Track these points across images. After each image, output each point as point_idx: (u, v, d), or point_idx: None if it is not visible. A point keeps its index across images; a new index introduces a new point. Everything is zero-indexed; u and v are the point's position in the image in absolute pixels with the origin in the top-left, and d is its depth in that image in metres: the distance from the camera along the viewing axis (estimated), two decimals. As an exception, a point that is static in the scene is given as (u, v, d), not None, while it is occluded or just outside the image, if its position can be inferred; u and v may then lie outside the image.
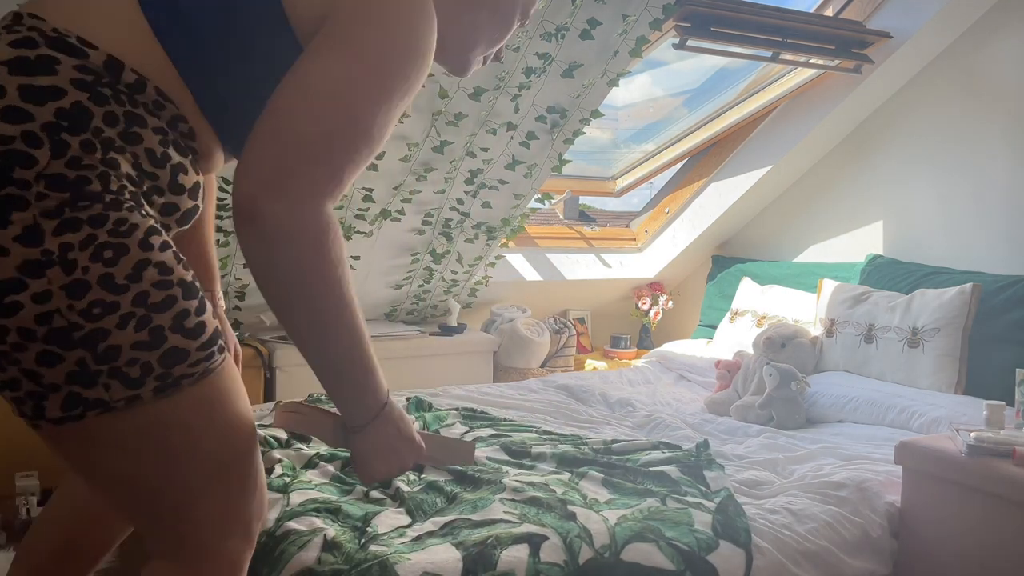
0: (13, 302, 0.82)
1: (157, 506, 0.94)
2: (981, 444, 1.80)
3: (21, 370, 0.85)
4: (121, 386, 0.86)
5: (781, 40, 2.99)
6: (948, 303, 2.71)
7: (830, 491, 1.92)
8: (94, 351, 0.84)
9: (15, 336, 0.83)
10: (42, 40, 0.86)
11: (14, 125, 0.83)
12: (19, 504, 2.40)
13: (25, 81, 0.84)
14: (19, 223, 0.82)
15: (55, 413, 0.87)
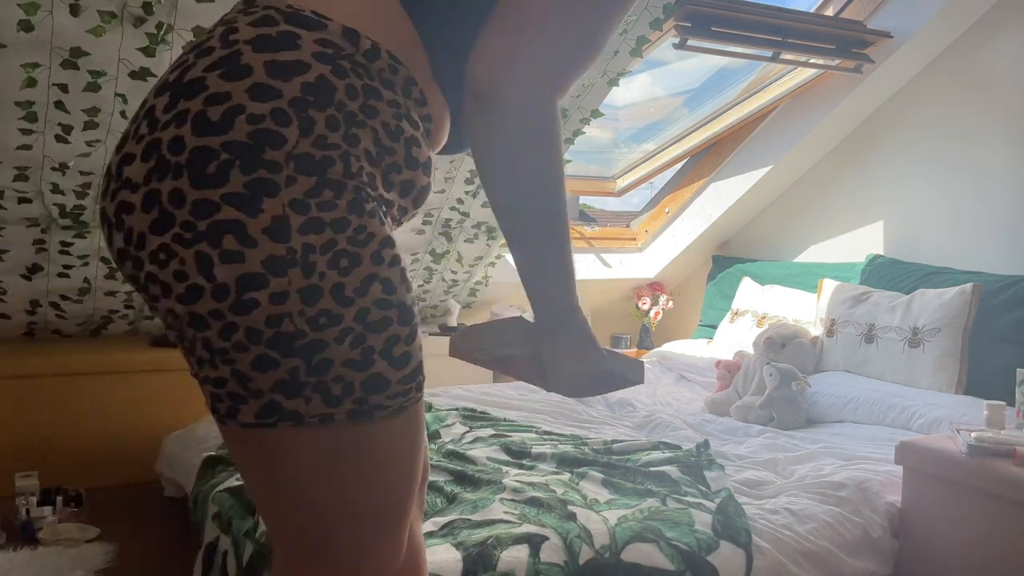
0: (251, 299, 0.78)
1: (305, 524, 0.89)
2: (981, 444, 1.80)
3: (233, 371, 0.81)
4: (321, 402, 0.82)
5: (781, 40, 2.99)
6: (948, 303, 2.71)
7: (830, 491, 1.91)
8: (309, 362, 0.80)
9: (241, 335, 0.79)
10: (280, 17, 0.84)
11: (263, 103, 0.79)
12: (19, 504, 2.40)
13: (270, 57, 0.81)
14: (269, 212, 0.78)
15: (248, 419, 0.82)
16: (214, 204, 0.77)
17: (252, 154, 0.78)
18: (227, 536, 1.75)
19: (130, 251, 0.82)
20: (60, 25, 2.18)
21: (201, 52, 0.83)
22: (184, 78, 0.82)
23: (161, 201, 0.79)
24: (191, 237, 0.78)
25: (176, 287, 0.79)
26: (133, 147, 0.82)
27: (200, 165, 0.78)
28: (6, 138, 2.41)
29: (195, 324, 0.80)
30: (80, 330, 3.19)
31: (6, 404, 2.72)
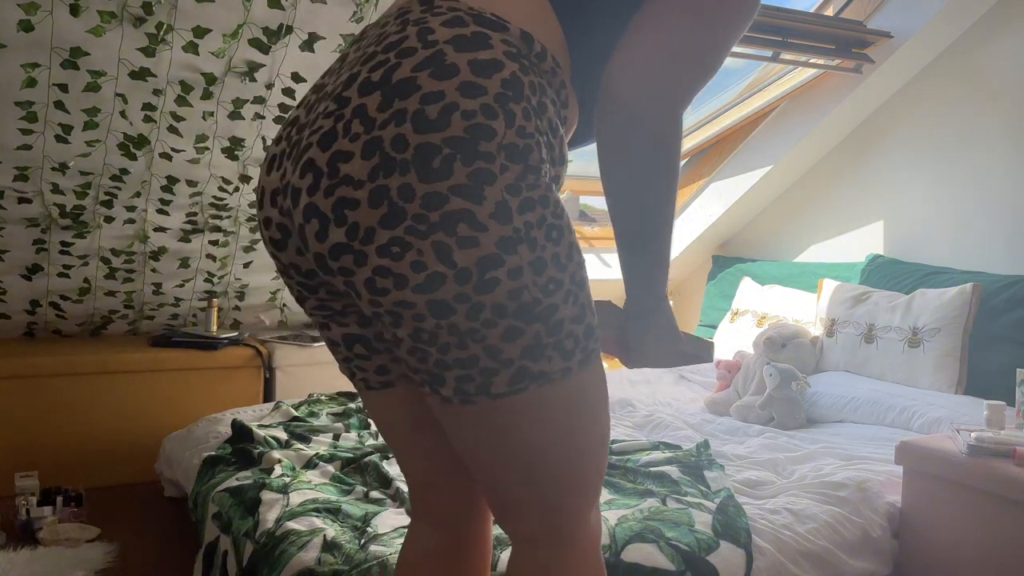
0: (493, 278, 0.85)
1: (555, 478, 0.96)
2: (981, 444, 1.80)
3: (485, 347, 0.87)
4: (560, 358, 0.90)
5: (781, 40, 2.99)
6: (948, 303, 2.71)
7: (830, 491, 1.91)
8: (547, 325, 0.88)
9: (488, 313, 0.85)
10: (468, 18, 0.90)
11: (472, 99, 0.85)
12: (19, 504, 2.40)
13: (471, 56, 0.87)
14: (492, 198, 0.85)
15: (501, 388, 0.89)
16: (443, 196, 0.84)
17: (470, 147, 0.85)
18: (227, 536, 1.75)
19: (353, 245, 0.86)
20: (60, 25, 2.18)
21: (402, 52, 0.88)
22: (393, 78, 0.87)
23: (391, 196, 0.84)
24: (425, 229, 0.84)
25: (414, 277, 0.85)
26: (347, 144, 0.86)
27: (426, 161, 0.84)
28: (6, 138, 2.41)
29: (437, 312, 0.85)
30: (80, 330, 3.19)
31: (6, 404, 2.72)
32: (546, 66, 0.94)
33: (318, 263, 0.90)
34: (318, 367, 3.19)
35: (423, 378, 0.92)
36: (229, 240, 3.03)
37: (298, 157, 0.90)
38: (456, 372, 0.89)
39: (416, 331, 0.87)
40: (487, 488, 1.00)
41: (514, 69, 0.89)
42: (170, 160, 2.66)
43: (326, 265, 0.90)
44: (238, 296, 3.32)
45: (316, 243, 0.88)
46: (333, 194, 0.86)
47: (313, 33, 2.41)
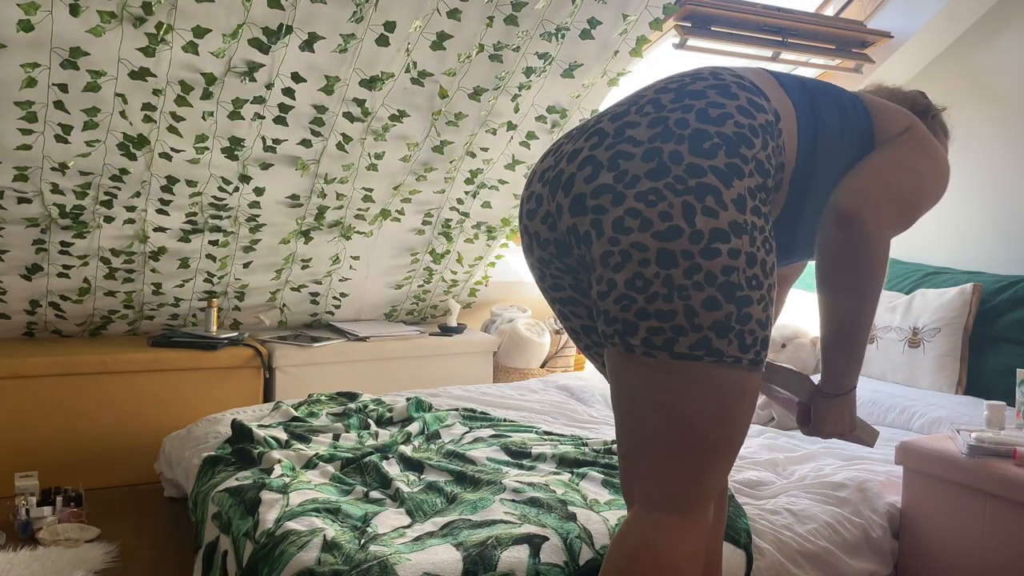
0: (716, 248, 1.03)
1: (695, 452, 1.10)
2: (981, 444, 1.80)
3: (686, 306, 1.04)
4: (737, 347, 1.06)
5: (782, 40, 2.99)
6: (948, 303, 2.71)
7: (830, 491, 1.91)
8: (739, 311, 1.05)
9: (701, 276, 1.03)
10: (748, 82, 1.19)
11: (745, 118, 1.10)
12: (19, 504, 2.40)
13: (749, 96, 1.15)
14: (736, 189, 1.05)
15: (683, 349, 1.05)
16: (703, 169, 1.05)
17: (734, 145, 1.08)
18: (227, 536, 1.75)
19: (617, 187, 1.07)
20: (60, 25, 2.18)
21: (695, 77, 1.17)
22: (687, 88, 1.14)
23: (662, 156, 1.06)
24: (682, 188, 1.04)
25: (658, 224, 1.04)
26: (636, 118, 1.12)
27: (699, 141, 1.07)
28: (6, 138, 2.41)
29: (663, 261, 1.04)
30: (80, 330, 3.19)
31: (6, 404, 2.72)
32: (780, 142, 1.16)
33: (574, 206, 1.11)
34: (318, 367, 3.19)
35: (616, 329, 1.09)
36: (229, 240, 3.03)
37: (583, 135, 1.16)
38: (651, 323, 1.06)
39: (634, 275, 1.06)
40: (628, 444, 1.15)
41: (770, 119, 1.14)
42: (170, 160, 2.66)
43: (582, 205, 1.10)
44: (238, 296, 3.32)
45: (583, 184, 1.10)
46: (613, 148, 1.10)
47: (313, 33, 2.41)
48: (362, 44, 2.51)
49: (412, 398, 2.67)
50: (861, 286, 1.15)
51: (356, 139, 2.83)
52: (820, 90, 1.25)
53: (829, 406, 1.26)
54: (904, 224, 1.20)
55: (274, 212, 3.01)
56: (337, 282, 3.45)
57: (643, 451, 1.12)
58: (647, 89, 1.19)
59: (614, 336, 1.09)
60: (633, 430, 1.13)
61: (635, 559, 1.11)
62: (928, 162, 1.25)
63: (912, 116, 1.31)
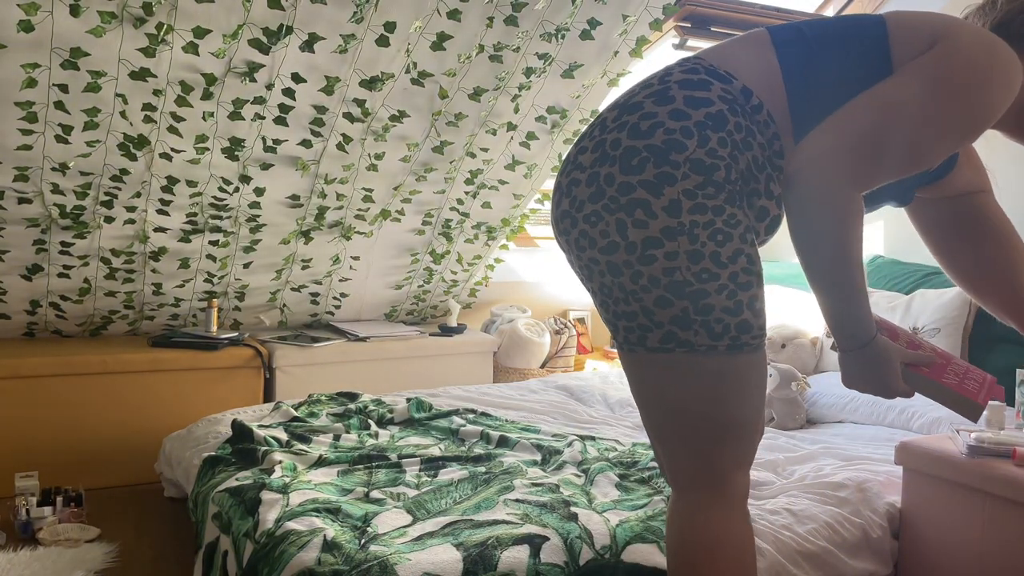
0: (651, 255, 1.11)
1: (698, 434, 1.18)
2: (981, 445, 1.80)
3: (641, 307, 1.14)
4: (706, 336, 1.13)
5: (781, 40, 2.99)
6: (948, 303, 2.71)
7: (830, 492, 1.91)
8: (695, 305, 1.11)
9: (645, 280, 1.12)
10: (702, 69, 1.19)
11: (677, 122, 1.13)
12: (19, 504, 2.40)
13: (688, 93, 1.16)
14: (667, 196, 1.10)
15: (654, 344, 1.15)
16: (632, 186, 1.12)
17: (662, 154, 1.11)
18: (227, 536, 1.75)
19: (572, 213, 1.19)
20: (60, 25, 2.18)
21: (644, 85, 1.21)
22: (629, 102, 1.19)
23: (599, 180, 1.15)
24: (615, 207, 1.13)
25: (600, 241, 1.15)
26: (587, 143, 1.21)
27: (628, 159, 1.13)
28: (6, 138, 2.41)
29: (611, 271, 1.15)
30: (80, 330, 3.19)
31: (6, 404, 2.72)
32: (760, 117, 1.18)
33: (555, 225, 1.25)
34: (318, 367, 3.19)
35: (609, 322, 1.22)
36: (229, 240, 3.04)
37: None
38: (623, 323, 1.18)
39: (600, 285, 1.19)
40: (648, 430, 1.25)
41: (722, 108, 1.14)
42: (170, 160, 2.66)
43: (559, 227, 1.24)
44: (238, 296, 3.32)
45: (556, 210, 1.25)
46: (569, 176, 1.21)
47: (313, 33, 2.41)
48: (362, 44, 2.51)
49: (412, 398, 2.67)
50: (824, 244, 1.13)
51: (356, 139, 2.83)
52: (821, 36, 1.21)
53: (846, 363, 1.23)
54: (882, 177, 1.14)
55: (274, 212, 3.01)
56: (337, 282, 3.45)
57: (658, 436, 1.23)
58: (619, 98, 1.25)
59: (610, 329, 1.23)
60: (645, 417, 1.24)
61: (682, 541, 1.22)
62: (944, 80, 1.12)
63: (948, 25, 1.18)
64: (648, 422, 1.24)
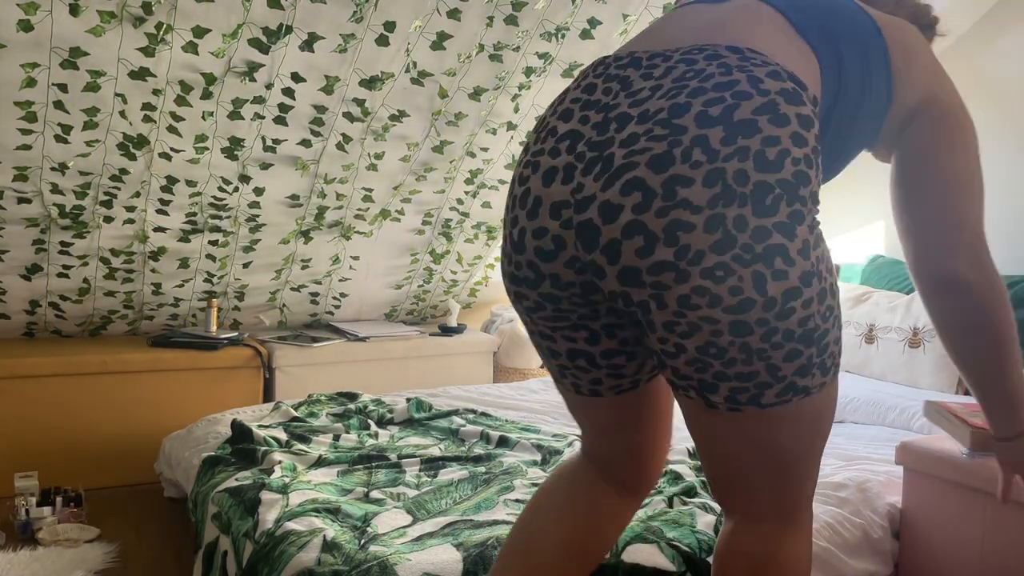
0: (791, 307, 0.95)
1: (793, 471, 1.08)
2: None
3: (767, 365, 0.97)
4: (820, 375, 1.02)
5: (781, 40, 2.99)
6: (949, 303, 2.71)
7: (831, 492, 1.91)
8: (819, 347, 0.99)
9: (780, 337, 0.96)
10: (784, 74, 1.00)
11: (800, 149, 0.96)
12: (19, 504, 2.40)
13: (797, 110, 0.97)
14: (801, 236, 0.95)
15: (770, 400, 1.00)
16: (768, 230, 0.93)
17: (793, 190, 0.95)
18: (227, 536, 1.75)
19: (680, 264, 0.94)
20: (60, 25, 2.17)
21: (737, 94, 0.96)
22: (735, 117, 0.95)
23: (727, 225, 0.93)
24: (750, 258, 0.93)
25: (728, 299, 0.94)
26: (686, 170, 0.93)
27: (761, 197, 0.93)
28: (6, 138, 2.41)
29: (735, 330, 0.95)
30: (79, 330, 3.19)
31: (6, 404, 2.72)
32: (816, 131, 1.02)
33: (623, 276, 0.97)
34: (318, 367, 3.19)
35: (691, 384, 1.02)
36: (229, 240, 3.03)
37: (613, 174, 0.96)
38: (732, 384, 0.99)
39: (706, 344, 0.97)
40: (724, 476, 1.11)
41: (817, 127, 1.00)
42: (169, 160, 2.66)
43: (635, 279, 0.96)
44: (238, 296, 3.31)
45: (635, 258, 0.96)
46: (667, 215, 0.93)
47: (313, 33, 2.41)
48: (362, 44, 2.51)
49: (412, 398, 2.67)
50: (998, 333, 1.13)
51: (356, 139, 2.83)
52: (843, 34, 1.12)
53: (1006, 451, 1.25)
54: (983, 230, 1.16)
55: (274, 212, 3.01)
56: (337, 282, 3.45)
57: (739, 476, 1.10)
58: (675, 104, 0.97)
59: (689, 390, 1.03)
60: (726, 464, 1.10)
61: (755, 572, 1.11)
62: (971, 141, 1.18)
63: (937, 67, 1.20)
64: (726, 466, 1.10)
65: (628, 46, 1.12)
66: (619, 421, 1.22)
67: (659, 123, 0.96)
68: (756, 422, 1.03)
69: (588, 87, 1.06)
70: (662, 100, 0.98)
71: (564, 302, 1.08)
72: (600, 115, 1.01)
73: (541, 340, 1.16)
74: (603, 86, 1.05)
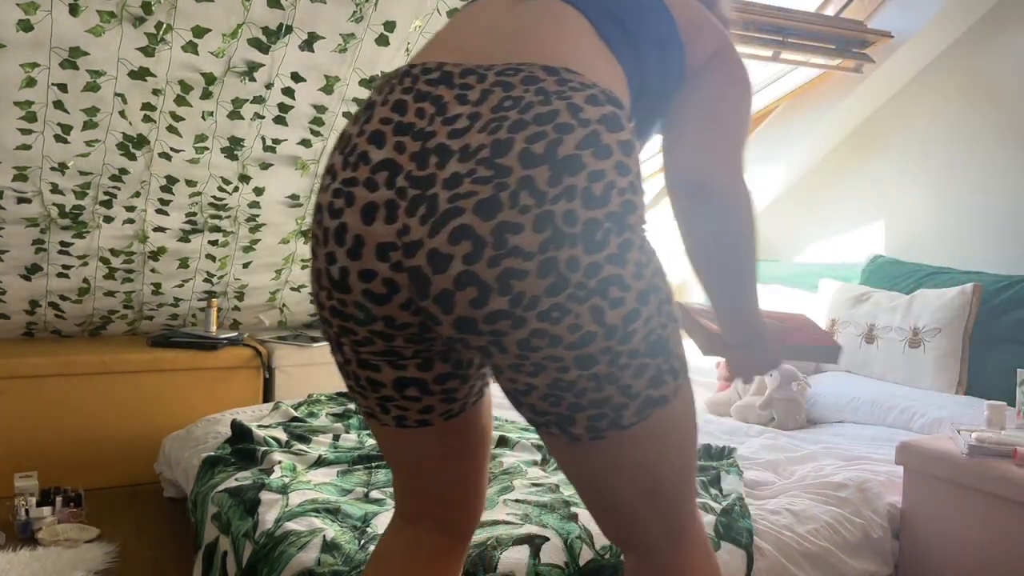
0: (633, 330, 0.94)
1: (673, 488, 1.05)
2: (982, 445, 1.80)
3: (618, 387, 0.95)
4: (672, 380, 1.00)
5: (782, 40, 2.99)
6: (949, 303, 2.71)
7: (831, 492, 1.91)
8: (666, 354, 0.98)
9: (625, 359, 0.94)
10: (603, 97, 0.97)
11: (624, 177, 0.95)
12: (19, 504, 2.40)
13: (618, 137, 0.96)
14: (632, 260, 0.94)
15: (630, 419, 0.97)
16: (599, 265, 0.91)
17: (622, 220, 0.93)
18: (226, 536, 1.75)
19: (515, 312, 0.91)
20: (59, 25, 2.17)
21: (559, 127, 0.93)
22: (559, 154, 0.92)
23: (559, 268, 0.90)
24: (584, 294, 0.91)
25: (568, 337, 0.92)
26: (515, 216, 0.90)
27: (591, 235, 0.91)
28: (6, 138, 2.41)
29: (580, 364, 0.93)
30: (79, 330, 3.19)
31: (6, 404, 2.72)
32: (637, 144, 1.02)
33: (459, 325, 0.93)
34: (317, 367, 3.18)
35: (550, 420, 0.98)
36: (228, 240, 3.03)
37: (439, 220, 0.91)
38: (589, 412, 0.96)
39: (555, 380, 0.94)
40: (606, 511, 1.07)
41: (637, 148, 0.99)
42: (169, 160, 2.66)
43: (472, 328, 0.93)
44: (237, 296, 3.31)
45: (470, 309, 0.92)
46: (499, 265, 0.90)
47: (313, 33, 2.41)
48: (362, 44, 2.51)
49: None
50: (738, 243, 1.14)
51: (356, 139, 2.83)
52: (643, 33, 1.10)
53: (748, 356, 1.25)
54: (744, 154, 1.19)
55: (274, 212, 3.01)
56: (337, 282, 3.45)
57: (623, 510, 1.06)
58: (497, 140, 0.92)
59: (550, 426, 0.99)
60: (605, 496, 1.05)
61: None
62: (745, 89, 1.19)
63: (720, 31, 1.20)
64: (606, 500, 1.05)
65: (433, 53, 1.04)
66: (445, 450, 1.15)
67: (482, 162, 0.91)
68: (622, 446, 0.99)
69: (398, 105, 0.98)
70: (483, 135, 0.92)
71: (398, 339, 1.01)
72: (417, 144, 0.94)
73: (360, 370, 1.06)
74: (415, 106, 0.97)
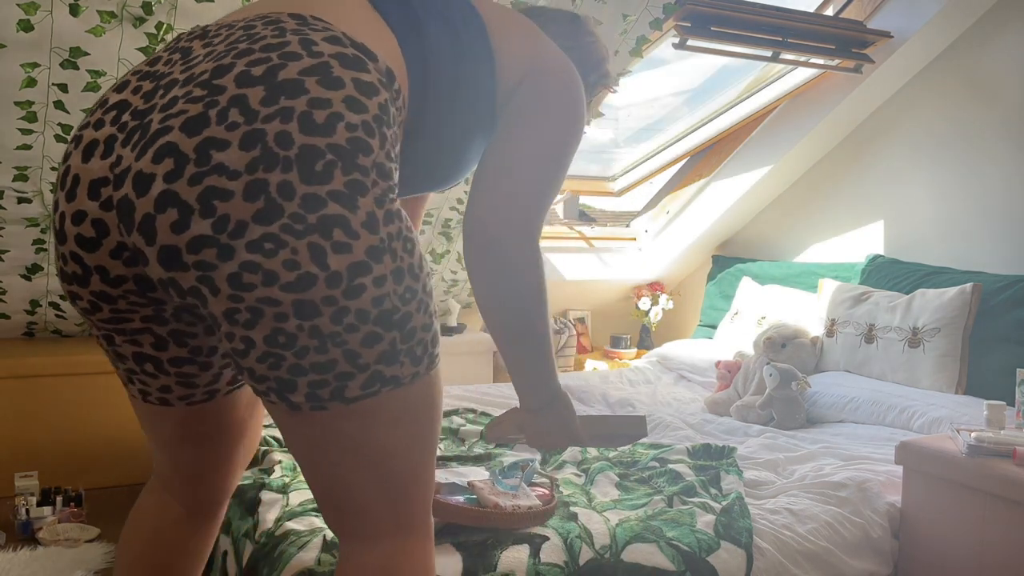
0: (360, 284, 0.87)
1: (402, 475, 0.99)
2: (981, 444, 1.80)
3: (344, 351, 0.89)
4: (410, 363, 0.94)
5: (781, 40, 2.99)
6: (948, 303, 2.71)
7: (831, 491, 1.91)
8: (403, 332, 0.92)
9: (352, 318, 0.87)
10: (347, 41, 0.93)
11: (357, 115, 0.88)
12: (19, 504, 2.40)
13: (354, 75, 0.90)
14: (364, 209, 0.87)
15: (355, 393, 0.91)
16: (322, 199, 0.85)
17: (350, 158, 0.87)
18: (227, 536, 1.75)
19: (219, 238, 0.84)
20: (60, 25, 2.18)
21: (285, 55, 0.89)
22: (279, 76, 0.87)
23: (270, 191, 0.83)
24: (302, 228, 0.84)
25: (285, 275, 0.84)
26: (222, 132, 0.84)
27: (310, 163, 0.85)
28: (6, 138, 2.41)
29: (300, 312, 0.86)
30: (80, 330, 3.19)
31: (6, 404, 2.72)
32: (399, 103, 0.98)
33: (163, 258, 0.86)
34: (318, 367, 3.18)
35: (270, 386, 0.91)
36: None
37: (148, 141, 0.86)
38: (310, 377, 0.89)
39: (274, 332, 0.87)
40: (329, 493, 0.99)
41: (385, 97, 0.93)
42: (170, 160, 2.66)
43: (177, 260, 0.85)
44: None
45: (170, 234, 0.84)
46: (201, 182, 0.83)
47: (313, 33, 2.41)
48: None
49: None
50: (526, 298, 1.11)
51: (356, 139, 2.83)
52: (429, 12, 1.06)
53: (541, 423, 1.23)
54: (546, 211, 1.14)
55: (274, 212, 3.01)
56: (337, 282, 3.45)
57: (348, 493, 0.98)
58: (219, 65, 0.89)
59: (269, 393, 0.93)
60: (330, 477, 0.98)
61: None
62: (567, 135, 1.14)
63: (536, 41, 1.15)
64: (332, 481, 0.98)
65: None
66: (188, 434, 1.13)
67: (199, 84, 0.87)
68: (346, 421, 0.93)
69: (153, 60, 0.98)
70: (208, 62, 0.90)
71: (120, 302, 0.96)
72: (152, 84, 0.92)
73: (105, 344, 1.05)
74: (167, 57, 0.96)
